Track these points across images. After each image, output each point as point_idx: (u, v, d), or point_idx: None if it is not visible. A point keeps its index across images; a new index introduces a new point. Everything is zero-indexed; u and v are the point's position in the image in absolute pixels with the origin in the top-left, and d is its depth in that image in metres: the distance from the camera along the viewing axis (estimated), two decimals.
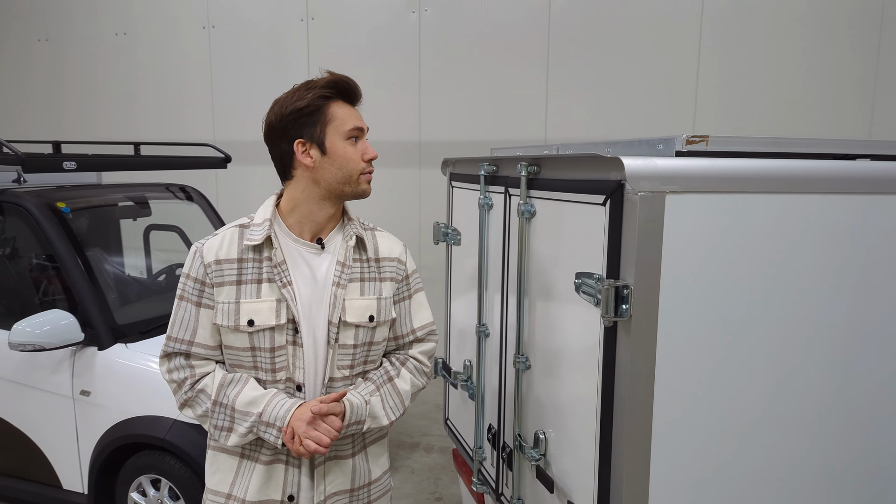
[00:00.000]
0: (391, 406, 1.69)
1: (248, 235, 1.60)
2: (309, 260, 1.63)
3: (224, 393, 1.58)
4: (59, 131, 7.42)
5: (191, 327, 1.61)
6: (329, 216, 1.66)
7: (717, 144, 1.56)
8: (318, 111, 1.58)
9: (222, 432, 1.59)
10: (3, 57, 7.83)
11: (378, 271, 1.71)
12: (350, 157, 1.61)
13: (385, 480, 1.83)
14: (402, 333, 1.80)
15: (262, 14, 6.45)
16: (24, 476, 3.38)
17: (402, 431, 4.69)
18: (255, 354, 1.59)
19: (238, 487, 1.63)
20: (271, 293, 1.58)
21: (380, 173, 6.33)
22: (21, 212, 3.28)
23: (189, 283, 1.61)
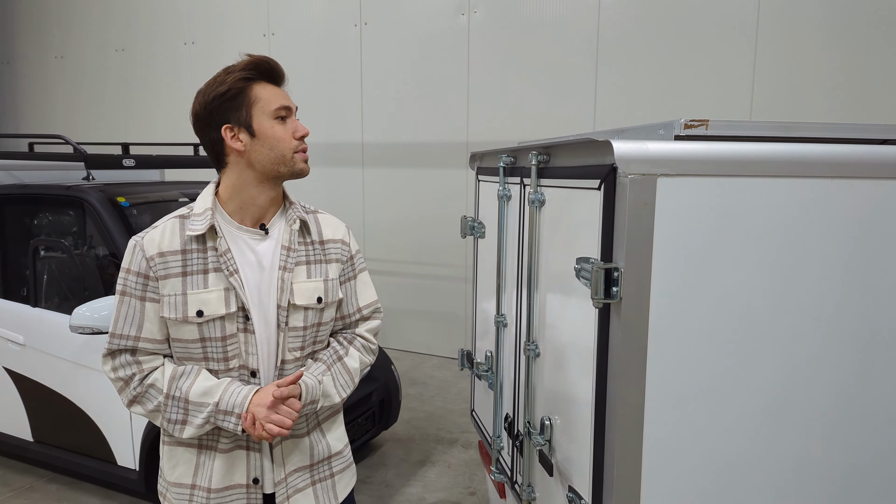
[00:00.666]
0: (342, 384, 1.71)
1: (190, 226, 1.58)
2: (253, 246, 1.63)
3: (176, 386, 1.56)
4: (130, 134, 7.90)
5: (136, 322, 1.57)
6: (270, 199, 1.65)
7: (719, 129, 1.54)
8: (241, 94, 1.56)
9: (176, 425, 1.57)
10: (82, 67, 8.42)
11: (323, 253, 1.72)
12: (280, 136, 1.58)
13: (347, 454, 1.85)
14: (349, 313, 1.80)
15: (317, 21, 6.68)
16: (85, 452, 3.62)
17: (441, 427, 4.74)
18: (206, 345, 1.58)
19: (201, 477, 1.63)
20: (218, 282, 1.57)
21: (428, 174, 6.44)
22: (85, 205, 3.53)
23: (131, 277, 1.57)
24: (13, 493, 3.77)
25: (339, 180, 6.80)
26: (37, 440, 3.79)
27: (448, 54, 6.16)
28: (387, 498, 3.77)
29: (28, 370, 3.70)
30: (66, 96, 8.66)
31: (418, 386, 5.67)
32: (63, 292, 3.71)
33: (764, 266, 1.50)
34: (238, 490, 1.64)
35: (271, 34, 6.90)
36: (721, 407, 1.53)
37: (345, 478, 1.83)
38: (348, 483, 1.85)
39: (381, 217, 6.67)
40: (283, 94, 1.63)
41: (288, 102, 1.62)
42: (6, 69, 9.20)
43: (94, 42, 8.23)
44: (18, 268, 3.80)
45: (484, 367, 2.59)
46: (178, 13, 7.47)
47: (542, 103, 5.89)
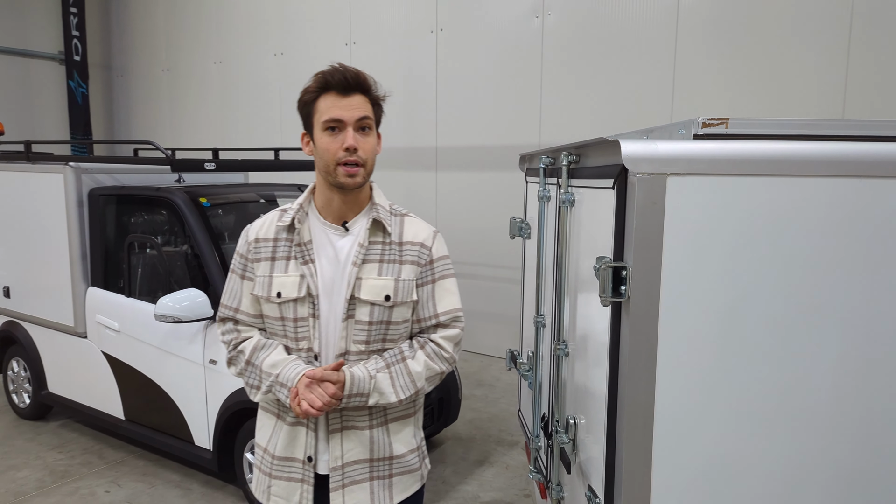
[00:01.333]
0: (401, 385, 1.71)
1: (283, 218, 1.76)
2: (334, 241, 1.74)
3: (257, 355, 1.75)
4: (225, 140, 8.45)
5: (237, 297, 1.81)
6: (344, 201, 1.72)
7: (739, 127, 1.52)
8: (309, 105, 1.67)
9: (252, 389, 1.78)
10: (185, 79, 9.08)
11: (399, 254, 1.75)
12: (325, 147, 1.64)
13: (411, 459, 1.84)
14: (425, 317, 1.79)
15: (396, 29, 6.89)
16: (168, 431, 3.94)
17: (503, 429, 4.77)
18: (284, 323, 1.74)
19: (271, 443, 1.80)
20: (296, 269, 1.72)
21: (501, 177, 6.46)
22: (171, 205, 3.85)
23: (238, 258, 1.82)
24: (107, 466, 4.15)
25: (414, 183, 6.98)
26: (128, 419, 4.15)
27: (522, 57, 6.19)
28: (442, 493, 3.85)
29: (122, 354, 4.07)
30: (171, 105, 9.37)
31: (485, 387, 5.72)
32: (153, 284, 4.05)
33: (782, 267, 1.46)
34: (295, 463, 1.76)
35: (353, 43, 7.18)
36: (733, 408, 1.50)
37: (404, 481, 1.82)
38: (407, 487, 1.83)
39: (454, 219, 6.77)
40: (345, 104, 1.63)
41: (341, 114, 1.62)
42: (120, 81, 10.07)
43: (196, 56, 8.87)
44: (117, 261, 4.19)
45: (526, 367, 2.62)
46: (269, 27, 7.93)
47: (616, 104, 5.80)
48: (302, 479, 1.75)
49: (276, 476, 1.78)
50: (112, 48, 10.11)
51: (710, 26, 5.37)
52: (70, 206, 4.22)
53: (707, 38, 5.39)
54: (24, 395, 4.86)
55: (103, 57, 10.24)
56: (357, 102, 1.65)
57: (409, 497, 1.85)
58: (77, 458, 4.25)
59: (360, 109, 1.65)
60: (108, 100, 10.34)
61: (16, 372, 4.88)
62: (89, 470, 4.09)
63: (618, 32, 5.73)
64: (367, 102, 1.68)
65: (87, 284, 4.29)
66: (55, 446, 4.42)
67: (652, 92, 5.65)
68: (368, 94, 1.69)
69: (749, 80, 5.29)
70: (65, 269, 4.29)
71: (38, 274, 4.53)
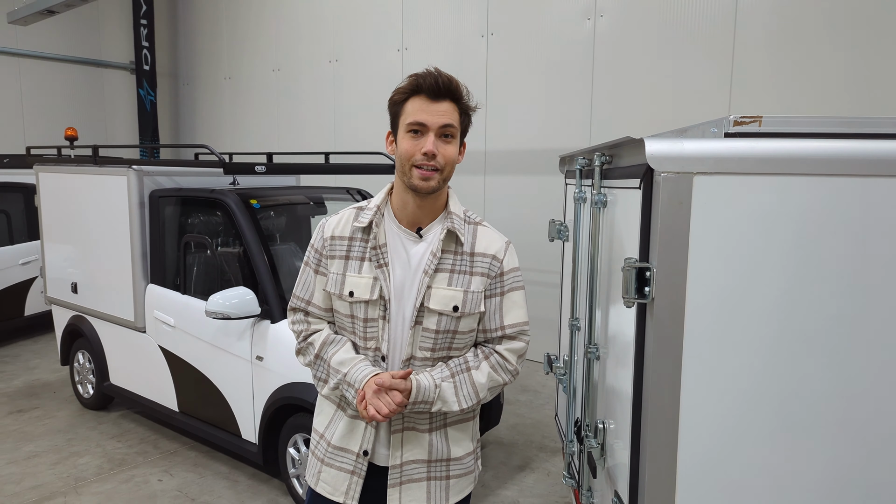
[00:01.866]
0: (465, 395, 1.72)
1: (360, 218, 1.77)
2: (408, 246, 1.74)
3: (326, 350, 1.79)
4: (282, 144, 8.69)
5: (309, 289, 1.85)
6: (419, 205, 1.72)
7: (773, 125, 1.47)
8: (398, 105, 1.68)
9: (319, 382, 1.83)
10: (246, 85, 9.40)
11: (470, 265, 1.74)
12: (405, 148, 1.65)
13: (468, 462, 1.86)
14: (491, 328, 1.79)
15: (447, 35, 6.94)
16: (218, 424, 4.08)
17: (546, 435, 4.72)
18: (354, 322, 1.76)
19: (329, 431, 1.84)
20: (370, 271, 1.73)
21: (551, 181, 6.40)
22: (223, 206, 3.99)
23: (312, 252, 1.84)
24: (161, 456, 4.33)
25: (461, 188, 7.00)
26: (181, 411, 4.32)
27: (573, 60, 6.13)
28: (481, 498, 3.84)
29: (176, 349, 4.24)
30: (232, 111, 9.71)
31: (529, 393, 5.67)
32: (206, 282, 4.20)
33: (816, 270, 1.40)
34: (349, 454, 1.79)
35: (405, 49, 7.28)
36: (762, 413, 1.45)
37: (460, 483, 1.85)
38: (462, 489, 1.86)
39: (502, 224, 6.76)
40: (431, 108, 1.63)
41: (426, 118, 1.63)
42: (186, 90, 10.50)
43: (255, 64, 9.17)
44: (174, 260, 4.37)
45: (561, 371, 2.60)
46: (324, 34, 8.12)
47: (671, 105, 5.67)
48: (353, 471, 1.78)
49: (328, 463, 1.83)
50: (178, 58, 10.57)
51: (770, 23, 5.20)
52: (132, 207, 4.42)
53: (767, 35, 5.22)
54: (88, 386, 5.12)
55: (170, 66, 10.71)
56: (444, 109, 1.64)
57: (464, 499, 1.87)
58: (134, 447, 4.45)
59: (445, 116, 1.64)
60: (174, 107, 10.81)
61: (81, 364, 5.15)
62: (144, 459, 4.28)
63: (673, 32, 5.61)
64: (455, 111, 1.67)
65: (146, 281, 4.49)
66: (114, 435, 4.64)
67: (709, 93, 5.50)
68: (458, 102, 1.68)
69: (812, 79, 5.09)
70: (126, 266, 4.50)
71: (102, 271, 4.78)
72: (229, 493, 3.86)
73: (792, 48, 5.13)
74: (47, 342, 7.10)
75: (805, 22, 5.06)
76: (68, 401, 5.32)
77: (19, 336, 7.31)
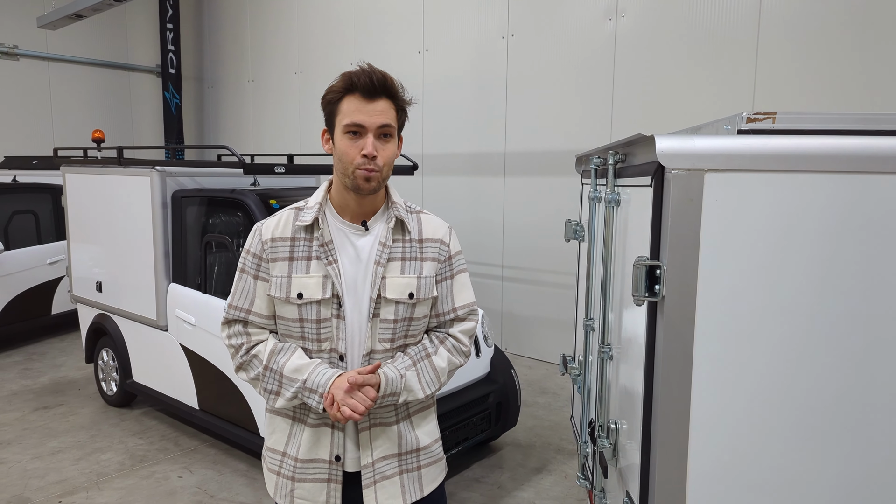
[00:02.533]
0: (427, 381, 1.74)
1: (301, 217, 1.72)
2: (354, 240, 1.72)
3: (274, 360, 1.70)
4: (304, 146, 8.77)
5: (249, 297, 1.74)
6: (360, 202, 1.71)
7: (786, 122, 1.45)
8: (333, 105, 1.65)
9: (271, 395, 1.72)
10: (269, 88, 9.50)
11: (420, 251, 1.76)
12: (344, 150, 1.63)
13: (436, 449, 1.87)
14: (443, 311, 1.82)
15: (467, 36, 6.95)
16: (236, 422, 4.12)
17: (564, 438, 4.69)
18: (303, 325, 1.70)
19: (291, 447, 1.76)
20: (319, 269, 1.68)
21: (571, 182, 6.36)
22: (243, 206, 4.04)
23: (249, 257, 1.75)
24: (181, 453, 4.38)
25: (481, 189, 7.00)
26: (201, 409, 4.38)
27: (593, 61, 6.10)
28: (497, 499, 3.83)
29: (197, 347, 4.30)
30: (255, 113, 9.82)
31: (548, 395, 5.64)
32: (226, 281, 4.25)
33: (829, 268, 1.37)
34: (321, 464, 1.74)
35: (425, 51, 7.30)
36: (774, 413, 1.43)
37: (432, 472, 1.85)
38: (435, 478, 1.87)
39: (520, 225, 6.74)
40: (367, 108, 1.61)
41: (363, 119, 1.61)
42: (211, 92, 10.65)
43: (279, 66, 9.27)
44: (196, 259, 4.44)
45: (576, 372, 2.58)
46: (346, 37, 8.18)
47: (693, 106, 5.61)
48: (328, 479, 1.74)
49: (299, 479, 1.75)
50: (203, 61, 10.72)
51: (794, 24, 5.12)
52: (155, 208, 4.50)
53: (791, 36, 5.13)
54: (111, 383, 5.22)
55: (195, 70, 10.88)
56: (381, 108, 1.63)
57: (437, 487, 1.86)
58: (155, 444, 4.52)
59: (382, 116, 1.63)
60: (199, 109, 10.97)
61: (105, 361, 5.25)
62: (165, 455, 4.34)
63: (695, 33, 5.55)
64: (392, 108, 1.66)
65: (168, 281, 4.56)
66: (136, 432, 4.71)
67: (731, 94, 5.43)
68: (394, 99, 1.66)
69: (837, 79, 5.00)
70: (149, 266, 4.58)
71: (126, 270, 4.86)
72: (247, 490, 3.90)
73: (816, 48, 5.04)
74: (73, 340, 7.25)
75: (830, 21, 4.97)
76: (92, 398, 5.42)
77: (47, 334, 7.47)
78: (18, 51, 9.57)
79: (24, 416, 5.02)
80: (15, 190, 7.02)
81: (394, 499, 1.76)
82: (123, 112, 11.05)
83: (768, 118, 1.44)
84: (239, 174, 4.71)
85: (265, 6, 9.42)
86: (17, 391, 5.61)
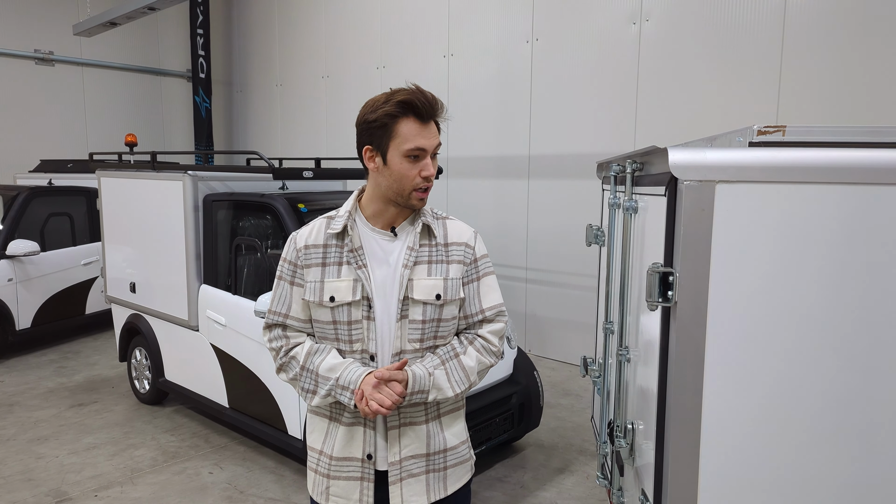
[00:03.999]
0: (456, 380, 1.80)
1: (332, 225, 1.82)
2: (383, 246, 1.81)
3: (311, 360, 1.80)
4: (331, 149, 8.91)
5: (286, 302, 1.85)
6: (396, 212, 1.81)
7: (796, 134, 1.49)
8: (385, 127, 1.71)
9: (308, 394, 1.82)
10: (296, 92, 9.67)
11: (446, 254, 1.83)
12: (405, 173, 1.72)
13: (463, 450, 1.93)
14: (471, 313, 1.88)
15: (492, 40, 7.02)
16: (265, 420, 4.24)
17: (586, 439, 4.73)
18: (336, 327, 1.80)
19: (327, 445, 1.86)
20: (349, 274, 1.78)
21: (595, 185, 6.38)
22: (272, 210, 4.16)
23: (285, 265, 1.86)
24: (212, 450, 4.52)
25: (505, 192, 7.06)
26: (231, 407, 4.51)
27: (617, 64, 6.12)
28: (520, 498, 3.89)
29: (227, 347, 4.43)
30: (283, 117, 10.01)
31: (571, 397, 5.68)
32: (255, 283, 4.38)
33: (836, 276, 1.42)
34: (354, 462, 1.82)
35: (451, 55, 7.38)
36: (783, 417, 1.47)
37: (457, 472, 1.91)
38: (460, 478, 1.92)
39: (544, 228, 6.78)
40: (427, 132, 1.72)
41: (425, 143, 1.71)
42: (240, 97, 10.87)
43: (306, 71, 9.44)
44: (226, 261, 4.57)
45: (596, 374, 2.63)
46: (372, 41, 8.31)
47: (717, 110, 5.60)
48: (361, 477, 1.81)
49: (334, 476, 1.84)
50: (233, 66, 10.94)
51: (819, 28, 5.09)
52: (188, 211, 4.64)
53: (816, 40, 5.11)
54: (144, 381, 5.39)
55: (225, 74, 11.11)
56: (434, 131, 1.75)
57: (462, 487, 1.92)
58: (186, 440, 4.66)
59: (436, 137, 1.75)
60: (228, 113, 11.20)
61: (138, 360, 5.42)
62: (196, 452, 4.48)
63: (719, 37, 5.54)
64: (437, 128, 1.77)
65: (199, 282, 4.70)
66: (168, 429, 4.87)
67: (756, 98, 5.42)
68: (438, 120, 1.77)
69: (862, 85, 4.96)
70: (181, 267, 4.73)
71: (158, 271, 5.02)
72: (276, 486, 4.01)
73: (841, 53, 5.01)
74: (106, 339, 7.47)
75: (855, 27, 4.94)
76: (125, 395, 5.60)
77: (81, 333, 7.71)
78: (54, 56, 9.88)
79: (61, 413, 5.21)
80: (51, 193, 7.26)
81: (418, 496, 1.82)
82: (154, 116, 11.33)
83: (778, 131, 1.49)
84: (267, 178, 4.83)
85: (293, 11, 9.59)
86: (53, 388, 5.82)
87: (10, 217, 6.77)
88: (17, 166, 9.47)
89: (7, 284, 6.62)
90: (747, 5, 5.42)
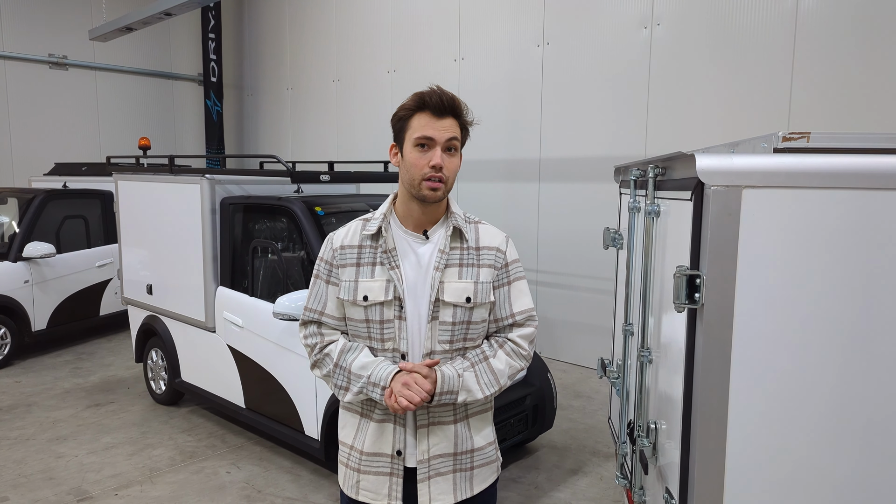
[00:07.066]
0: (486, 382, 1.83)
1: (367, 227, 1.87)
2: (416, 248, 1.86)
3: (344, 358, 1.85)
4: (342, 153, 8.97)
5: (322, 300, 1.90)
6: (423, 211, 1.84)
7: (821, 140, 1.53)
8: (404, 121, 1.80)
9: (340, 390, 1.87)
10: (307, 96, 9.74)
11: (477, 258, 1.86)
12: (413, 162, 1.77)
13: (490, 451, 1.97)
14: (502, 317, 1.91)
15: (503, 44, 7.07)
16: (281, 421, 4.29)
17: (599, 441, 4.75)
18: (369, 326, 1.84)
19: (358, 440, 1.90)
20: (382, 274, 1.83)
21: (606, 188, 6.44)
22: (289, 213, 4.21)
23: (322, 264, 1.92)
24: (228, 450, 4.57)
25: (516, 195, 7.10)
26: (248, 407, 4.56)
27: (628, 68, 6.16)
28: (534, 499, 3.92)
29: (244, 348, 4.48)
30: (294, 121, 10.08)
31: (583, 399, 5.71)
32: (272, 285, 4.43)
33: (862, 280, 1.45)
34: (384, 458, 1.86)
35: (461, 59, 7.43)
36: (808, 418, 1.51)
37: (483, 473, 1.94)
38: (486, 478, 1.95)
39: (555, 231, 6.82)
40: (437, 124, 1.76)
41: (433, 133, 1.75)
42: (250, 100, 10.95)
43: (317, 75, 9.51)
44: (243, 263, 4.62)
45: (615, 375, 2.67)
46: (382, 46, 8.37)
47: (728, 114, 5.63)
48: (391, 473, 1.85)
49: (364, 471, 1.88)
50: (244, 70, 11.03)
51: (831, 32, 5.11)
52: (205, 214, 4.70)
53: (828, 45, 5.13)
54: (160, 382, 5.44)
55: (236, 78, 11.20)
56: (448, 125, 1.77)
57: (488, 487, 1.96)
58: (203, 440, 4.71)
59: (449, 131, 1.77)
60: (239, 116, 11.29)
61: (154, 361, 5.48)
62: (213, 452, 4.53)
63: (731, 41, 5.57)
64: (457, 126, 1.79)
65: (216, 284, 4.75)
66: (185, 429, 4.92)
67: (767, 102, 5.44)
68: (459, 118, 1.80)
69: (874, 91, 4.98)
70: (198, 269, 4.78)
71: (175, 274, 5.08)
72: (292, 486, 4.05)
73: (853, 57, 5.03)
74: (120, 341, 7.54)
75: (867, 33, 4.96)
76: (141, 396, 5.66)
77: (95, 335, 7.79)
78: (67, 61, 9.99)
79: (78, 413, 5.28)
80: (66, 195, 7.34)
81: (445, 494, 1.86)
82: (166, 119, 11.42)
83: (803, 137, 1.52)
84: (282, 182, 4.89)
85: (304, 16, 9.67)
86: (69, 389, 5.88)
87: (26, 220, 6.86)
88: (32, 169, 9.58)
89: (23, 286, 6.70)
90: (758, 10, 5.45)
